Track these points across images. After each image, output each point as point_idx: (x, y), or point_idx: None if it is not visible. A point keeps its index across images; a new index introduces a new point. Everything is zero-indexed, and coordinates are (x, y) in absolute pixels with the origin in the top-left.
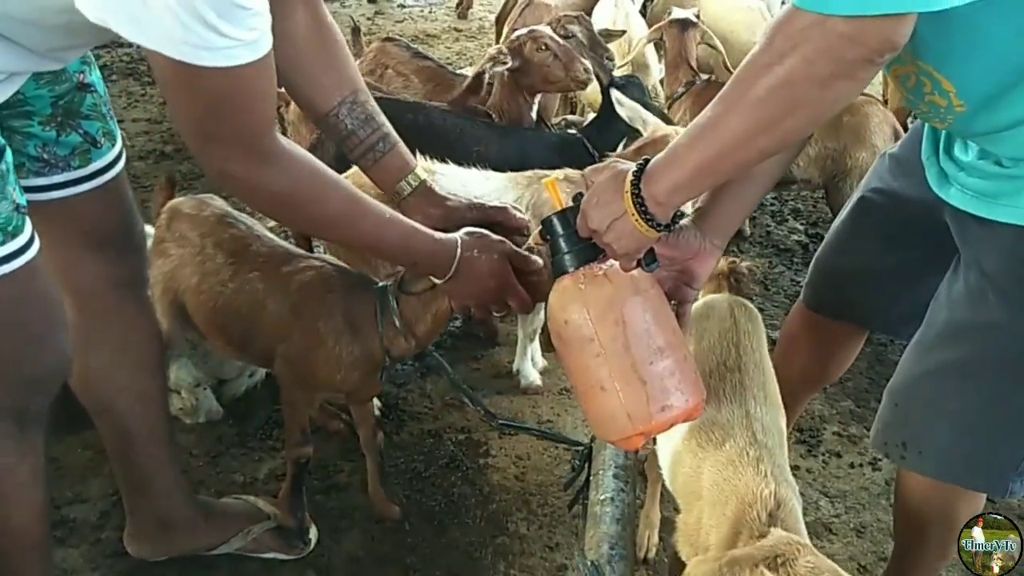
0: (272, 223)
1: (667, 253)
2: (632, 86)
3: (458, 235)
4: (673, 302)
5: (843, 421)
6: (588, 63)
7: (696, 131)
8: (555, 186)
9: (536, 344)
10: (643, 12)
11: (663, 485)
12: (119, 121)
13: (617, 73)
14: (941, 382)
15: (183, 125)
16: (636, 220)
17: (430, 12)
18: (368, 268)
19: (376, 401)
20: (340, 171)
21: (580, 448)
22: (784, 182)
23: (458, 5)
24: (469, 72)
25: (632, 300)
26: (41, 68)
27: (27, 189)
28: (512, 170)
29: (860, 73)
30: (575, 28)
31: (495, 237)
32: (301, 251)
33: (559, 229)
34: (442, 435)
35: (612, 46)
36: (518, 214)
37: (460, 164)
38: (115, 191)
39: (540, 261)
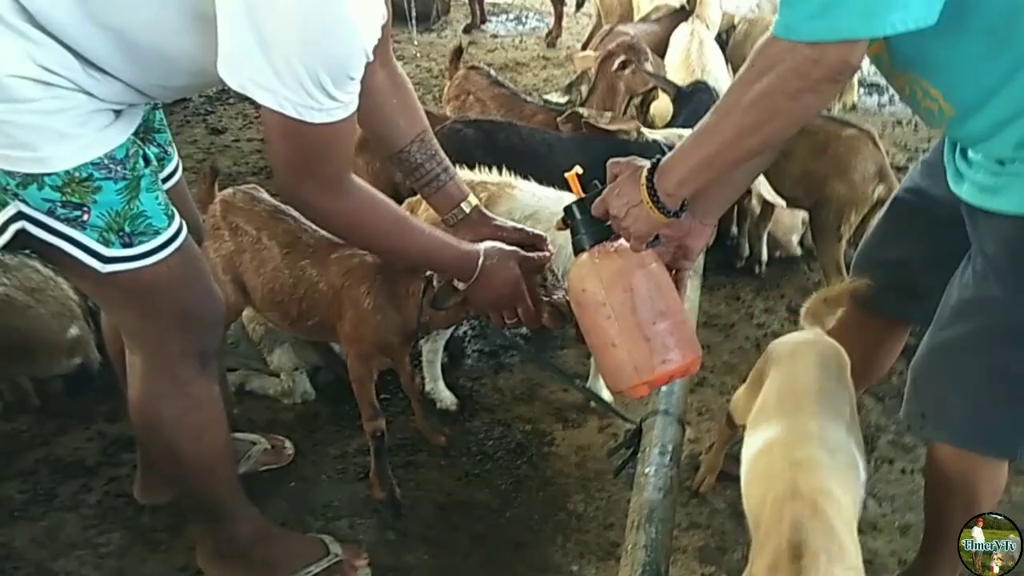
0: None
1: (666, 232)
2: (700, 91)
3: (481, 246)
4: (673, 272)
5: (898, 431)
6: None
7: (697, 134)
8: (575, 179)
9: None
10: (721, 42)
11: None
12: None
13: None
14: (952, 355)
15: (282, 165)
16: (650, 208)
17: (520, 42)
18: None
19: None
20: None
21: (632, 425)
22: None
23: (548, 35)
24: (554, 97)
25: (638, 272)
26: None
27: None
28: (597, 175)
29: (824, 88)
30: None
31: (509, 248)
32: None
33: (578, 214)
34: (511, 424)
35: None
36: (547, 249)
37: (550, 176)
38: (181, 194)
39: (546, 254)
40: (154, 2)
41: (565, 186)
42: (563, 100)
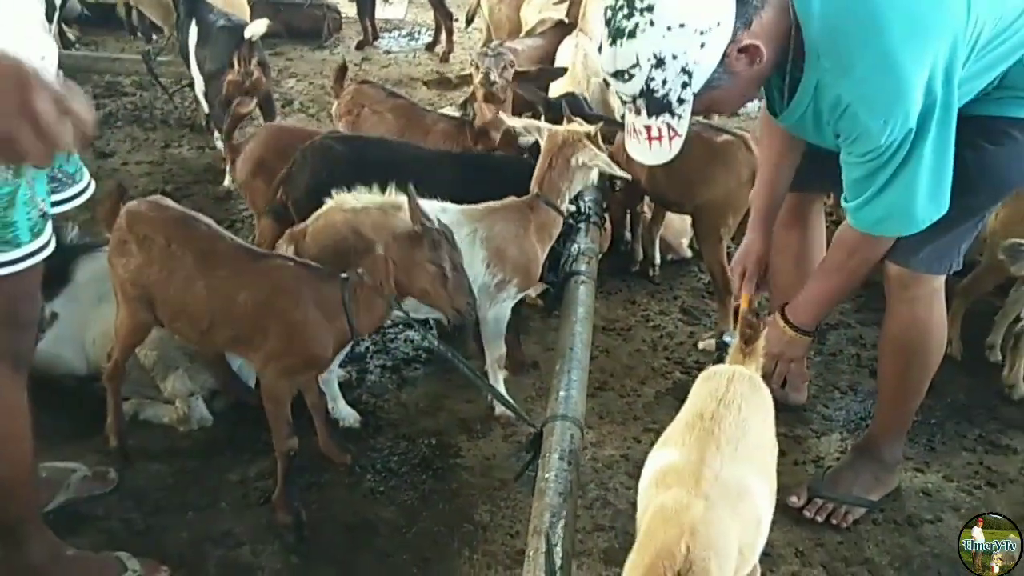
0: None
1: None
2: (574, 102)
3: None
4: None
5: (789, 423)
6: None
7: (815, 284)
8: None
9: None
10: None
11: None
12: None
13: None
14: None
15: None
16: (800, 338)
17: (414, 57)
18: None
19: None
20: (313, 204)
21: (533, 430)
22: (660, 203)
23: (430, 45)
24: (449, 111)
25: None
26: None
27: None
28: (466, 188)
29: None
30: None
31: None
32: (264, 251)
33: None
34: (415, 439)
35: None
36: None
37: (422, 187)
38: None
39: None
40: None
41: (438, 197)
42: (458, 115)
